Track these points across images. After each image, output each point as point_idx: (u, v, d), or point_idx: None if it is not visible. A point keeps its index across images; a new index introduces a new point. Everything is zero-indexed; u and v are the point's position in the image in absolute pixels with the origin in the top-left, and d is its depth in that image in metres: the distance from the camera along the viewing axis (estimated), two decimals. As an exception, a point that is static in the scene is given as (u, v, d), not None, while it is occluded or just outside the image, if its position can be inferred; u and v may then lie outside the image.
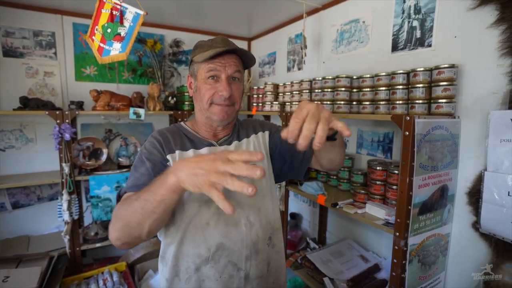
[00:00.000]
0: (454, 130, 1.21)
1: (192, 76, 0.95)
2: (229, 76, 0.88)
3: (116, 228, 0.69)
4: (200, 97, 0.90)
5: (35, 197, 2.23)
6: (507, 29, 1.08)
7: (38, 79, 2.15)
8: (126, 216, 0.68)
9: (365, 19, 1.68)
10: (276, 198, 1.00)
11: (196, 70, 0.91)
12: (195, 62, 0.90)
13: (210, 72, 0.87)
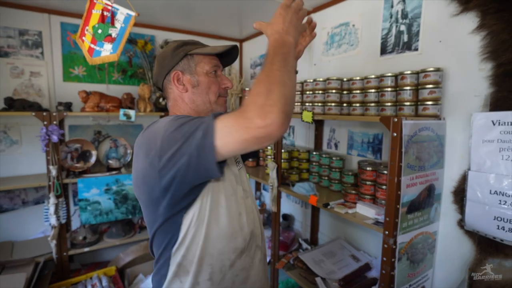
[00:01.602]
0: (440, 131, 1.26)
1: (186, 72, 0.89)
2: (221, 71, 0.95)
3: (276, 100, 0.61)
4: (205, 91, 0.89)
5: (20, 201, 2.17)
6: (487, 35, 1.13)
7: (23, 79, 2.10)
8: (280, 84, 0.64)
9: (355, 23, 1.73)
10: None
11: (196, 64, 0.89)
12: (196, 56, 0.89)
13: (215, 67, 0.90)
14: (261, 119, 0.60)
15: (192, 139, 0.66)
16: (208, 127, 0.66)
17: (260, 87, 0.64)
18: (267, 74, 0.66)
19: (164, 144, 0.70)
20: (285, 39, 0.72)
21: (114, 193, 2.11)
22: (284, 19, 0.75)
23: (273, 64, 0.67)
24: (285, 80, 0.65)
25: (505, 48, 1.06)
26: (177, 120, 0.72)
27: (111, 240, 2.15)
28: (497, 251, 1.10)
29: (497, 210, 1.07)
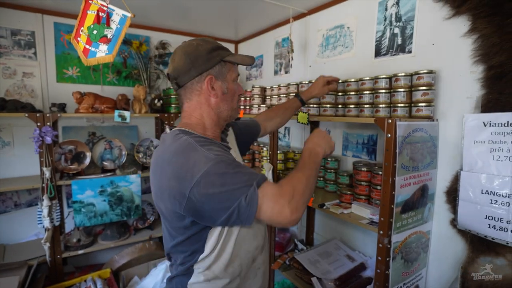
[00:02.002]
0: (433, 132, 1.28)
1: (218, 78, 0.89)
2: None
3: (304, 202, 0.78)
4: (231, 98, 0.94)
5: (12, 203, 2.14)
6: (478, 39, 1.16)
7: (16, 80, 2.07)
8: (310, 186, 0.81)
9: (349, 25, 1.75)
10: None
11: (227, 71, 0.91)
12: (228, 63, 0.91)
13: (238, 76, 0.97)
14: (292, 214, 0.73)
15: (235, 200, 0.72)
16: (253, 197, 0.72)
17: (301, 184, 0.79)
18: (307, 176, 0.82)
19: (203, 181, 0.72)
20: (316, 150, 0.93)
21: (108, 195, 2.09)
22: (318, 138, 0.97)
23: (310, 169, 0.85)
24: (312, 187, 0.83)
25: (495, 51, 1.09)
26: (218, 164, 0.73)
27: (105, 242, 2.13)
28: (489, 250, 1.13)
29: (489, 209, 1.09)
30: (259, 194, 0.72)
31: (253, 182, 0.73)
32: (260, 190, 0.73)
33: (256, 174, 0.76)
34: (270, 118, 1.37)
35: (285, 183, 0.78)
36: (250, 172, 0.76)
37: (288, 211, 0.72)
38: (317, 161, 0.89)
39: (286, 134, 2.36)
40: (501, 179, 1.06)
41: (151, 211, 2.46)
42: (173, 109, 2.32)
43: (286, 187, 0.76)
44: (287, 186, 0.76)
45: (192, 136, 0.82)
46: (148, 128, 2.59)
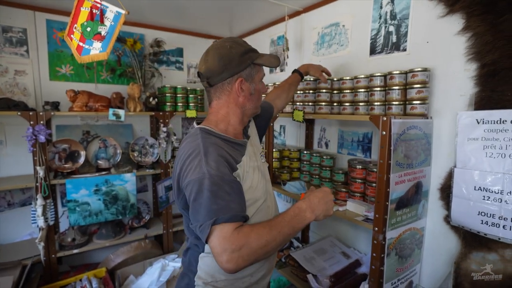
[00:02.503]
0: (427, 129, 1.29)
1: (248, 79, 0.96)
2: None
3: (249, 260, 0.75)
4: (258, 97, 1.01)
5: (5, 203, 2.11)
6: (472, 37, 1.17)
7: (8, 78, 2.04)
8: (270, 250, 0.77)
9: (344, 23, 1.75)
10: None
11: (256, 73, 0.97)
12: (258, 65, 0.97)
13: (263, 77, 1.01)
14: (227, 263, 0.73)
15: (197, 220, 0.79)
16: (204, 230, 0.76)
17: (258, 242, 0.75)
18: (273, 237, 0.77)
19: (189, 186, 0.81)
20: (305, 215, 0.83)
21: (103, 193, 2.08)
22: (318, 201, 0.87)
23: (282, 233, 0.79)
24: (272, 251, 0.79)
25: (489, 50, 1.10)
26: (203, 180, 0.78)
27: (101, 242, 2.12)
28: (481, 245, 1.15)
29: (481, 206, 1.11)
30: (211, 229, 0.76)
31: (215, 217, 0.75)
32: (216, 227, 0.75)
33: (227, 210, 0.77)
34: (278, 96, 1.43)
35: (245, 232, 0.76)
36: (225, 205, 0.77)
37: (224, 259, 0.73)
38: (297, 227, 0.82)
39: (281, 132, 2.36)
40: (494, 175, 1.08)
41: (147, 210, 2.45)
42: (168, 107, 2.30)
43: (240, 237, 0.74)
44: (242, 236, 0.74)
45: (208, 139, 0.88)
46: (143, 126, 2.57)
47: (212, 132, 0.92)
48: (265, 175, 1.06)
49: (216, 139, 0.90)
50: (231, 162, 0.87)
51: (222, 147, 0.88)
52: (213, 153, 0.84)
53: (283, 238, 0.79)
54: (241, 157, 0.93)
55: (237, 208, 0.80)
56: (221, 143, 0.90)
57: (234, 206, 0.79)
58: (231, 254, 0.73)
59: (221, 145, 0.88)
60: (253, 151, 1.04)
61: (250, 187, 0.92)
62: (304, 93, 1.67)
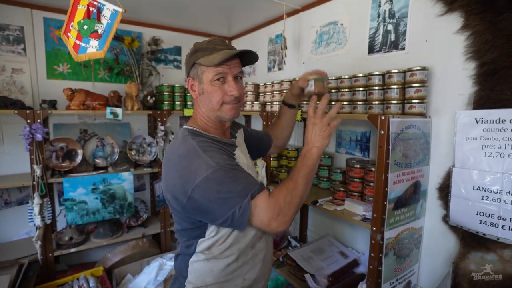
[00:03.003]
0: (425, 129, 1.29)
1: (195, 79, 0.94)
2: (234, 76, 0.93)
3: (294, 212, 0.82)
4: (208, 99, 0.93)
5: (2, 201, 2.10)
6: (471, 35, 1.16)
7: (5, 76, 2.03)
8: (301, 194, 0.84)
9: (343, 22, 1.74)
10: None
11: (202, 73, 0.92)
12: (201, 65, 0.91)
13: (218, 75, 0.90)
14: (278, 227, 0.81)
15: (230, 208, 0.79)
16: (246, 208, 0.79)
17: (290, 195, 0.82)
18: (294, 185, 0.84)
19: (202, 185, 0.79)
20: (311, 151, 0.88)
21: (101, 192, 2.07)
22: (312, 135, 0.89)
23: (299, 177, 0.85)
24: (305, 194, 0.86)
25: (487, 48, 1.09)
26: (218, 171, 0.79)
27: (98, 240, 2.11)
28: (480, 245, 1.14)
29: (480, 205, 1.10)
30: (251, 205, 0.79)
31: (248, 193, 0.79)
32: (254, 202, 0.79)
33: (253, 184, 0.82)
34: (273, 129, 1.34)
35: (276, 194, 0.82)
36: (247, 181, 0.82)
37: (275, 225, 0.80)
38: (310, 164, 0.87)
39: (280, 131, 2.36)
40: (493, 175, 1.07)
41: (144, 209, 2.45)
42: (165, 106, 2.29)
43: (276, 199, 0.81)
44: (277, 198, 0.81)
45: (198, 139, 0.88)
46: (141, 125, 2.56)
47: (199, 133, 0.93)
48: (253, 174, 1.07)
49: (205, 138, 0.91)
50: (228, 153, 0.90)
51: (214, 143, 0.90)
52: (210, 148, 0.85)
53: (307, 179, 0.85)
54: (233, 152, 0.95)
55: (256, 180, 0.85)
56: (209, 141, 0.90)
57: (253, 179, 0.85)
58: (278, 217, 0.79)
59: (212, 143, 0.90)
60: (243, 151, 1.05)
61: None
62: (303, 92, 1.66)
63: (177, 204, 0.86)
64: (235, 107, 0.95)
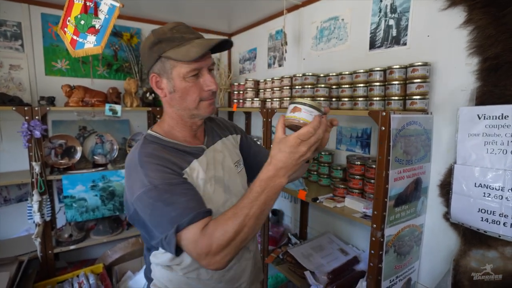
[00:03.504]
0: (427, 125, 1.27)
1: (162, 75, 0.81)
2: (208, 68, 0.83)
3: (229, 254, 0.68)
4: (182, 98, 0.81)
5: (1, 198, 2.10)
6: (474, 30, 1.14)
7: (3, 72, 2.01)
8: (245, 237, 0.68)
9: (344, 17, 1.72)
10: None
11: (171, 68, 0.79)
12: (170, 60, 0.78)
13: (193, 71, 0.79)
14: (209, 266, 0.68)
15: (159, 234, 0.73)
16: (170, 241, 0.70)
17: (225, 234, 0.67)
18: (240, 223, 0.67)
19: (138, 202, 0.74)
20: (275, 181, 0.68)
21: (100, 189, 2.06)
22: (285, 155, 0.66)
23: (253, 207, 0.67)
24: (253, 234, 0.70)
25: (491, 43, 1.07)
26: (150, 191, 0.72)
27: (98, 238, 2.11)
28: (481, 243, 1.13)
29: (481, 203, 1.09)
30: (177, 238, 0.70)
31: (175, 224, 0.69)
32: (180, 234, 0.70)
33: (187, 212, 0.70)
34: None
35: (211, 229, 0.68)
36: (183, 207, 0.71)
37: (204, 263, 0.68)
38: (269, 200, 0.68)
39: (280, 128, 2.34)
40: (495, 172, 1.06)
41: (145, 206, 2.44)
42: (165, 102, 2.28)
43: (209, 237, 0.67)
44: (210, 236, 0.67)
45: (147, 148, 0.80)
46: (140, 122, 2.55)
47: (154, 138, 0.84)
48: (230, 188, 0.91)
49: (157, 145, 0.81)
50: (174, 169, 0.78)
51: (161, 155, 0.78)
52: (150, 163, 0.75)
53: (255, 220, 0.68)
54: (188, 164, 0.83)
55: (197, 206, 0.72)
56: (162, 150, 0.80)
57: (194, 204, 0.72)
58: (207, 257, 0.67)
59: (160, 153, 0.79)
60: (215, 158, 0.92)
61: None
62: (302, 88, 1.64)
63: (127, 211, 0.83)
64: (212, 103, 0.86)
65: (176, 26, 0.81)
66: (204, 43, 0.77)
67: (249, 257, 0.97)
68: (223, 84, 2.53)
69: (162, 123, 0.90)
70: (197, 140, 0.92)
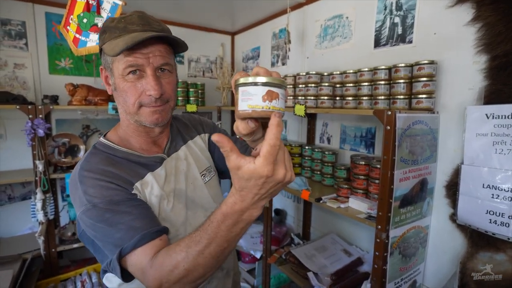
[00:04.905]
0: (433, 125, 1.25)
1: (107, 69, 0.73)
2: (155, 68, 0.70)
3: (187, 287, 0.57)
4: (122, 98, 0.71)
5: (6, 196, 2.11)
6: (482, 27, 1.11)
7: (7, 71, 2.02)
8: (203, 274, 0.56)
9: (348, 15, 1.69)
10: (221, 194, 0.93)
11: (111, 63, 0.70)
12: (106, 54, 0.69)
13: (129, 68, 0.68)
14: None
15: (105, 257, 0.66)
16: (115, 267, 0.62)
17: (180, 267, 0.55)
18: (194, 256, 0.54)
19: (81, 221, 0.67)
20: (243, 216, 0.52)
21: (103, 188, 2.06)
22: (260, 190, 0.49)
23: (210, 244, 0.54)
24: (211, 269, 0.57)
25: (500, 40, 1.05)
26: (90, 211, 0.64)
27: (101, 236, 2.11)
28: (489, 245, 1.10)
29: (490, 204, 1.06)
30: (121, 264, 0.62)
31: (119, 248, 0.61)
32: (125, 261, 0.62)
33: (132, 233, 0.61)
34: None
35: (159, 263, 0.57)
36: (128, 227, 0.62)
37: None
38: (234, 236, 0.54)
39: (283, 127, 2.32)
40: (504, 173, 1.03)
41: (147, 205, 2.44)
42: (168, 101, 2.27)
43: (155, 270, 0.57)
44: (158, 269, 0.57)
45: (91, 160, 0.70)
46: (144, 121, 2.55)
47: (104, 147, 0.74)
48: (194, 201, 0.80)
49: (104, 156, 0.71)
50: (120, 183, 0.68)
51: (106, 169, 0.68)
52: (90, 178, 0.66)
53: (211, 259, 0.55)
54: (139, 179, 0.72)
55: (144, 226, 0.63)
56: (109, 162, 0.70)
57: (140, 224, 0.63)
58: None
59: (105, 166, 0.69)
60: (177, 168, 0.81)
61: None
62: (306, 87, 1.62)
63: (77, 228, 0.75)
64: (158, 111, 0.72)
65: (130, 15, 0.71)
66: (133, 37, 0.65)
67: (222, 276, 0.84)
68: (226, 83, 2.52)
69: (118, 127, 0.80)
70: (157, 147, 0.80)
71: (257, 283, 2.03)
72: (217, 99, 2.75)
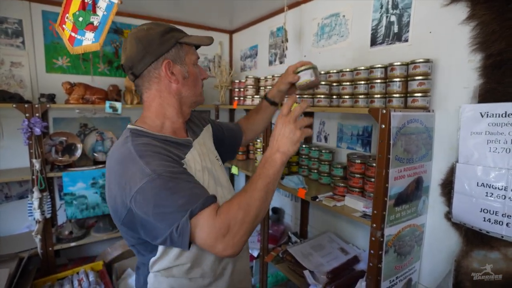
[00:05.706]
0: (428, 123, 1.25)
1: (177, 62, 0.84)
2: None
3: (245, 234, 0.70)
4: (194, 82, 0.88)
5: (3, 195, 2.11)
6: (477, 26, 1.11)
7: (4, 70, 2.02)
8: (256, 211, 0.71)
9: (345, 13, 1.69)
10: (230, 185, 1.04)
11: (185, 54, 0.86)
12: (184, 45, 0.86)
13: (197, 59, 0.89)
14: (224, 250, 0.68)
15: (167, 227, 0.68)
16: (184, 228, 0.67)
17: (242, 212, 0.70)
18: (248, 199, 0.72)
19: (138, 197, 0.69)
20: (274, 157, 0.76)
21: (101, 187, 2.06)
22: (279, 137, 0.78)
23: (256, 190, 0.73)
24: (262, 210, 0.73)
25: (494, 39, 1.05)
26: (154, 181, 0.68)
27: (98, 235, 2.11)
28: (483, 243, 1.11)
29: (484, 202, 1.06)
30: (191, 224, 0.67)
31: (188, 210, 0.67)
32: (194, 221, 0.67)
33: (196, 197, 0.69)
34: (247, 122, 1.29)
35: (224, 210, 0.69)
36: (191, 193, 0.70)
37: (221, 247, 0.67)
38: (272, 173, 0.74)
39: (281, 126, 2.32)
40: (498, 171, 1.03)
41: (145, 204, 2.44)
42: (166, 100, 2.27)
43: (223, 217, 0.68)
44: (225, 216, 0.68)
45: (138, 140, 0.76)
46: (142, 119, 2.55)
47: (144, 132, 0.81)
48: (219, 179, 0.93)
49: (149, 139, 0.78)
50: (174, 157, 0.77)
51: (158, 145, 0.77)
52: (149, 152, 0.73)
53: (265, 191, 0.73)
54: (184, 155, 0.82)
55: (204, 192, 0.73)
56: (156, 143, 0.78)
57: (200, 191, 0.72)
58: (224, 239, 0.67)
59: (156, 145, 0.77)
60: (203, 151, 0.93)
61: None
62: (303, 85, 1.62)
63: (117, 218, 0.76)
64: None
65: (162, 23, 0.90)
66: (206, 36, 0.90)
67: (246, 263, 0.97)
68: (224, 81, 2.52)
69: (145, 119, 0.86)
70: (184, 133, 0.92)
71: (254, 282, 2.03)
72: (215, 97, 2.75)
